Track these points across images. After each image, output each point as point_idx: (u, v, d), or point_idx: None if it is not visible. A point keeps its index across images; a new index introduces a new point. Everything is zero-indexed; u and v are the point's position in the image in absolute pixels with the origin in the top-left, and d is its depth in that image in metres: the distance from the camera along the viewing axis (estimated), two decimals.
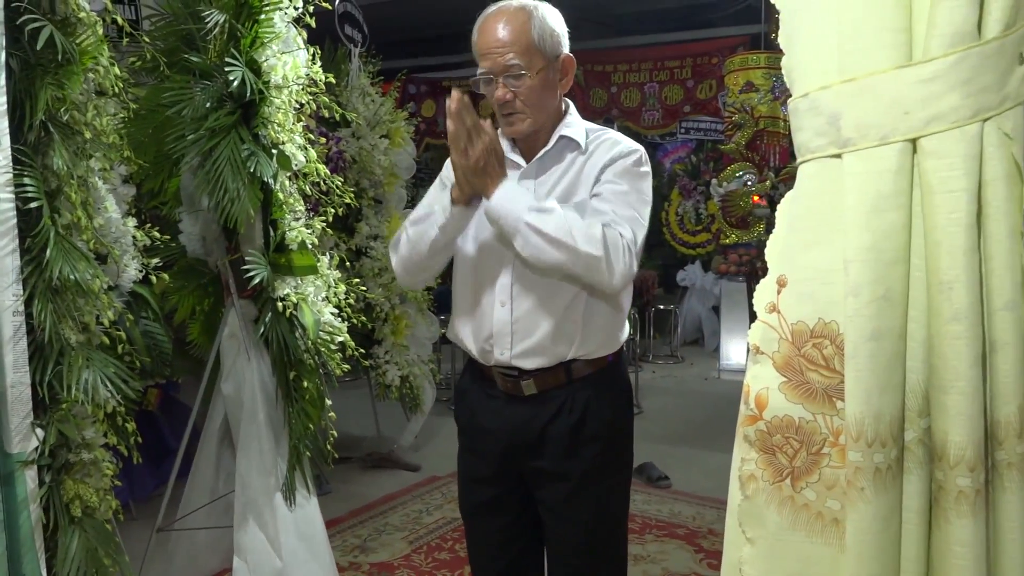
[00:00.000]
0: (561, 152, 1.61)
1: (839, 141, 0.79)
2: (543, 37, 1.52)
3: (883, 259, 0.76)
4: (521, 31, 1.50)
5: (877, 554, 0.75)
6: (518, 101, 1.53)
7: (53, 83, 1.82)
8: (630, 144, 1.60)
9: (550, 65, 1.54)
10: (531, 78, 1.51)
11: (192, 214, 2.58)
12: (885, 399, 0.76)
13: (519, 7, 1.53)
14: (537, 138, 1.61)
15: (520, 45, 1.50)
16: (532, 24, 1.51)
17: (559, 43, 1.56)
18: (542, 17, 1.53)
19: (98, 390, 1.89)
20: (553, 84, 1.57)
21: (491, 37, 1.52)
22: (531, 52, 1.51)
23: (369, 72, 4.19)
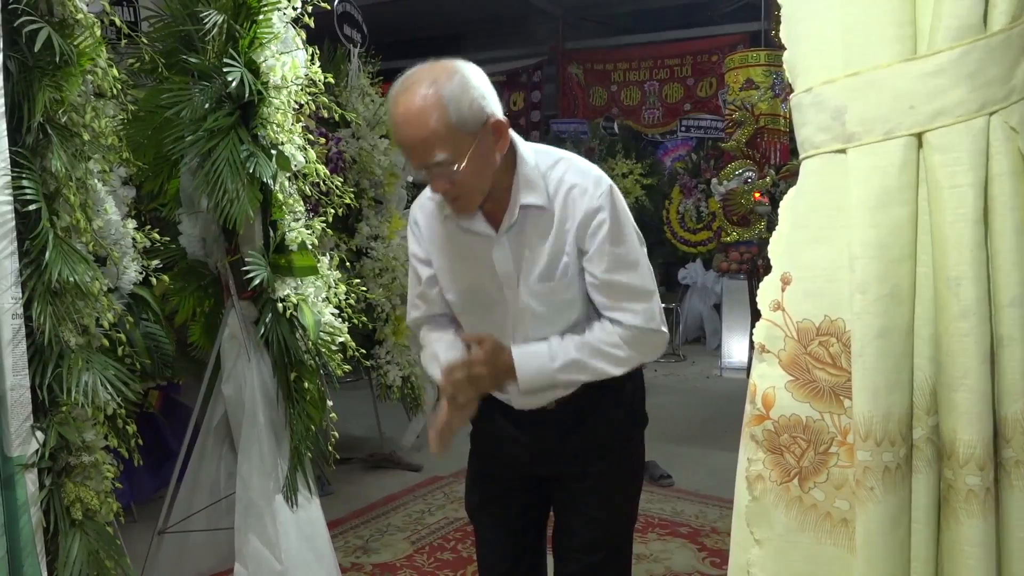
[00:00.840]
0: (526, 220, 1.49)
1: (843, 136, 0.78)
2: (462, 117, 1.34)
3: (889, 255, 0.75)
4: (436, 123, 1.33)
5: (887, 555, 0.74)
6: (456, 188, 1.41)
7: (51, 85, 1.82)
8: (593, 187, 1.47)
9: (479, 139, 1.37)
10: (462, 163, 1.36)
11: (192, 215, 2.57)
12: (893, 397, 0.75)
13: (426, 95, 1.33)
14: (498, 196, 1.48)
15: (439, 137, 1.33)
16: (446, 110, 1.33)
17: (481, 110, 1.37)
18: (454, 95, 1.34)
19: (98, 392, 1.88)
20: (489, 151, 1.40)
21: (406, 137, 1.37)
22: (454, 139, 1.34)
23: (369, 72, 4.19)
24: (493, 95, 1.41)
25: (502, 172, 1.46)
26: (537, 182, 1.47)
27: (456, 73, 1.36)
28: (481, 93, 1.38)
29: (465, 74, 1.37)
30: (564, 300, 1.51)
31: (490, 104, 1.39)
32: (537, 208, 1.47)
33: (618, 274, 1.48)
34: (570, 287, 1.51)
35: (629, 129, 8.89)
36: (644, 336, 1.49)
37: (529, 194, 1.46)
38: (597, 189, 1.47)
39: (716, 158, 7.56)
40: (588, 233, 1.46)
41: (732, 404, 5.44)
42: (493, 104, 1.40)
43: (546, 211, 1.47)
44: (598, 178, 1.49)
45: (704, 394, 5.90)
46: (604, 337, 1.48)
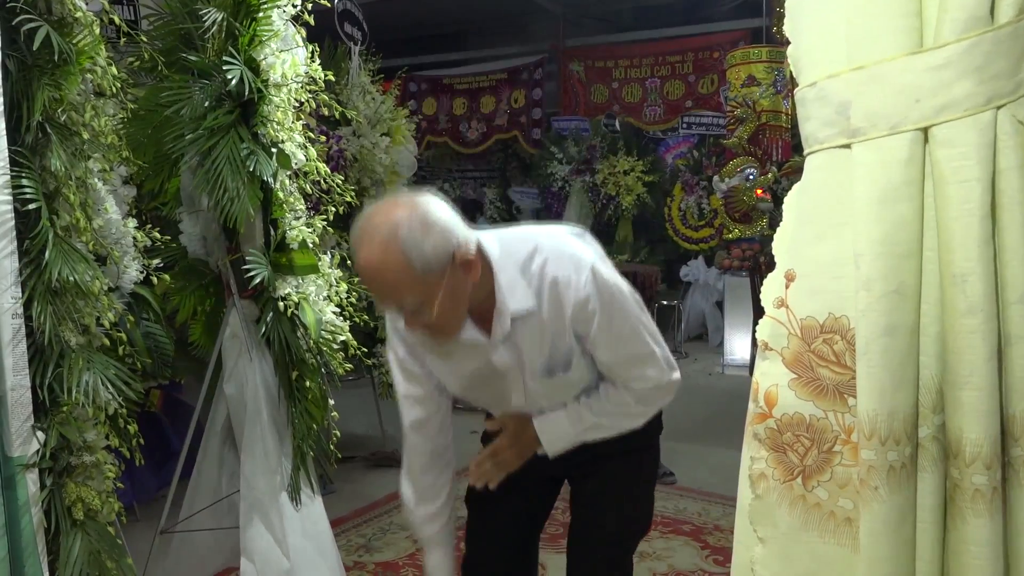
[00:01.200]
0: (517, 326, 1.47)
1: (848, 131, 0.77)
2: (426, 263, 1.30)
3: (895, 252, 0.74)
4: (401, 273, 1.30)
5: (891, 554, 0.73)
6: (432, 323, 1.39)
7: (50, 84, 1.81)
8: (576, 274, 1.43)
9: (447, 276, 1.34)
10: (434, 304, 1.34)
11: (192, 214, 2.57)
12: (899, 396, 0.74)
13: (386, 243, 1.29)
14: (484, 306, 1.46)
15: (406, 286, 1.31)
16: (410, 259, 1.29)
17: (446, 251, 1.33)
18: (417, 242, 1.29)
19: (99, 392, 1.88)
20: (459, 284, 1.37)
21: (372, 287, 1.37)
22: (421, 284, 1.32)
23: (369, 70, 4.18)
24: (456, 224, 1.36)
25: (482, 289, 1.43)
26: (519, 286, 1.44)
27: (414, 215, 1.31)
28: (442, 230, 1.33)
29: (424, 214, 1.32)
30: (574, 379, 1.54)
31: (454, 237, 1.34)
32: (526, 312, 1.44)
33: (623, 350, 1.49)
34: (577, 368, 1.52)
35: (630, 126, 8.88)
36: (659, 390, 1.53)
37: (515, 302, 1.43)
38: (580, 275, 1.43)
39: (718, 155, 7.54)
40: (583, 320, 1.45)
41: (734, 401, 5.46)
42: (458, 235, 1.35)
43: (536, 313, 1.45)
44: (578, 261, 1.45)
45: (706, 391, 5.89)
46: (620, 399, 1.52)
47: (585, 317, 1.44)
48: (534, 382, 1.52)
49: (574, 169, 8.61)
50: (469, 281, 1.39)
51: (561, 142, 8.76)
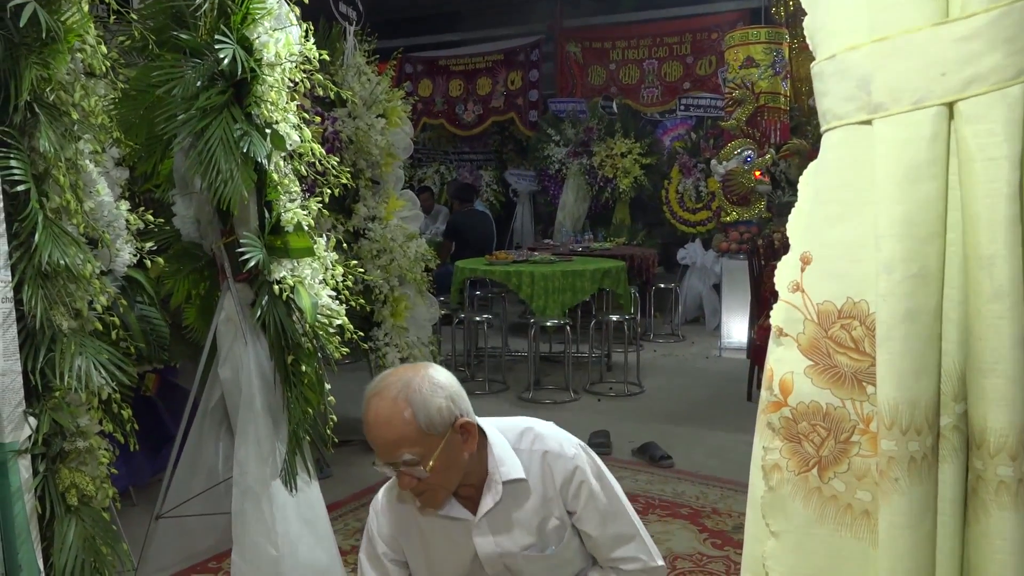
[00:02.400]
0: (507, 497, 1.52)
1: (869, 106, 0.73)
2: (431, 421, 1.39)
3: (917, 233, 0.71)
4: (405, 427, 1.38)
5: (912, 548, 0.71)
6: (424, 484, 1.42)
7: (38, 62, 1.77)
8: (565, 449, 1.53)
9: (446, 439, 1.41)
10: (430, 462, 1.39)
11: (186, 197, 2.53)
12: (921, 384, 0.71)
13: (396, 398, 1.39)
14: (472, 482, 1.52)
15: (408, 439, 1.38)
16: (416, 414, 1.38)
17: (450, 414, 1.42)
18: (424, 400, 1.39)
19: (91, 377, 1.85)
20: (456, 451, 1.44)
21: (375, 437, 1.41)
22: (422, 441, 1.39)
23: (365, 51, 4.12)
24: (462, 397, 1.46)
25: (477, 465, 1.50)
26: (510, 458, 1.51)
27: (426, 378, 1.42)
28: (449, 395, 1.43)
29: (435, 378, 1.43)
30: (563, 561, 1.56)
31: (459, 406, 1.44)
32: (517, 482, 1.50)
33: (611, 527, 1.54)
34: (567, 548, 1.56)
35: (628, 108, 8.83)
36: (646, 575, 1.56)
37: (506, 469, 1.50)
38: (569, 449, 1.53)
39: (716, 137, 7.51)
40: (571, 495, 1.52)
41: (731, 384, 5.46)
42: (462, 406, 1.45)
43: (525, 483, 1.51)
44: (568, 439, 1.56)
45: (703, 374, 5.89)
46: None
47: (575, 489, 1.51)
48: (526, 564, 1.54)
49: (571, 151, 8.57)
50: (466, 451, 1.46)
51: (558, 124, 8.71)
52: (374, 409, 1.41)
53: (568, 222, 8.49)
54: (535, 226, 9.70)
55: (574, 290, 5.32)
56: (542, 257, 5.94)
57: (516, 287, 5.35)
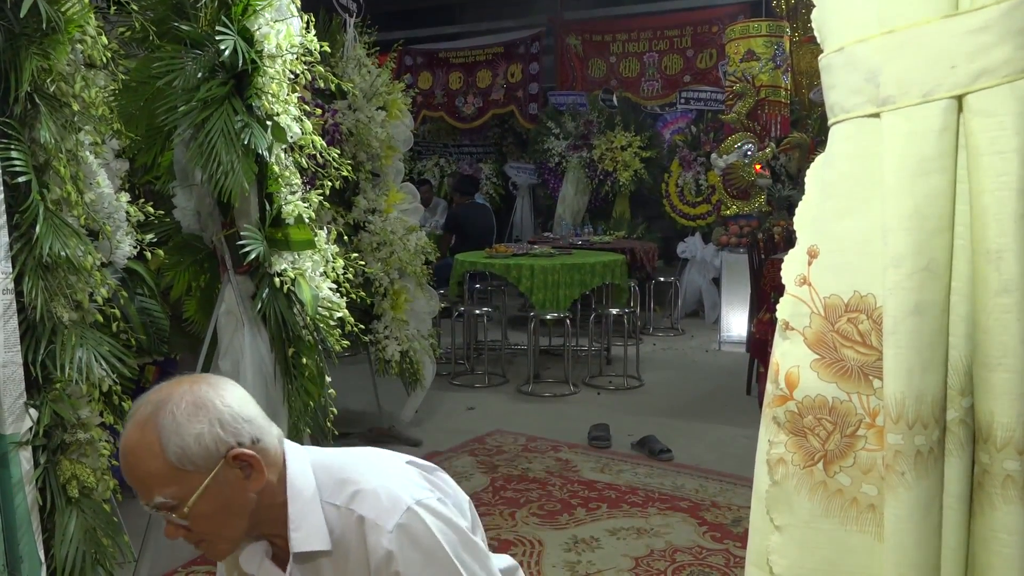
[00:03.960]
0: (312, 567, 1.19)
1: (878, 99, 0.73)
2: (185, 453, 1.08)
3: (926, 227, 0.70)
4: (152, 460, 1.08)
5: (918, 543, 0.71)
6: (195, 533, 1.13)
7: (38, 53, 1.76)
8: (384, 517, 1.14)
9: (215, 476, 1.10)
10: (191, 509, 1.10)
11: (186, 188, 2.52)
12: (927, 378, 0.71)
13: (144, 423, 1.10)
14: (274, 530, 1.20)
15: (157, 477, 1.08)
16: (165, 445, 1.08)
17: (217, 441, 1.11)
18: (177, 426, 1.09)
19: (92, 369, 1.85)
20: (234, 491, 1.13)
21: (124, 469, 1.12)
22: (176, 478, 1.09)
23: (365, 43, 4.11)
24: (251, 417, 1.16)
25: (272, 508, 1.18)
26: (312, 518, 1.17)
27: (189, 399, 1.11)
28: (222, 424, 1.12)
29: (201, 400, 1.12)
30: None
31: (234, 432, 1.13)
32: (318, 554, 1.17)
33: None
34: None
35: (628, 101, 8.82)
36: None
37: (303, 538, 1.17)
38: (389, 520, 1.13)
39: (716, 130, 7.50)
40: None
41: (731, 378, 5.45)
42: (245, 433, 1.14)
43: (332, 554, 1.17)
44: (395, 500, 1.15)
45: (703, 368, 5.89)
46: None
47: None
48: None
49: (571, 144, 8.56)
50: (250, 491, 1.14)
51: (558, 117, 8.70)
52: (124, 436, 1.12)
53: (568, 215, 8.48)
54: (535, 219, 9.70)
55: (574, 283, 5.32)
56: (542, 250, 5.94)
57: (516, 280, 5.36)
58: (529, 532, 3.11)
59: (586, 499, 3.47)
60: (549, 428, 4.41)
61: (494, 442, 4.18)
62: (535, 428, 4.40)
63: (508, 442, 4.19)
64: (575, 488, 3.58)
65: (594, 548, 3.00)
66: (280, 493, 1.17)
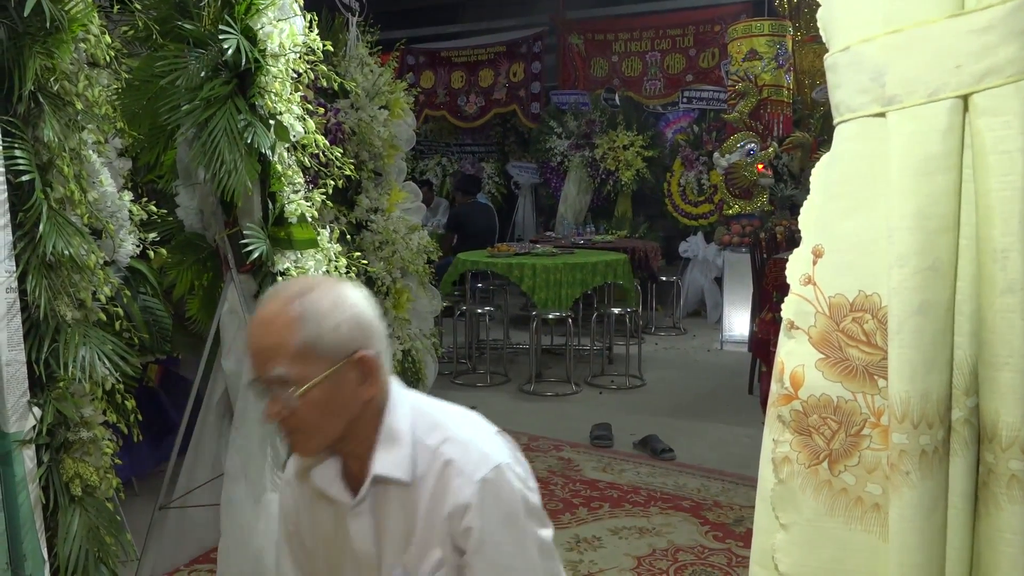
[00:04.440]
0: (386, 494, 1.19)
1: (883, 98, 0.73)
2: (320, 338, 1.11)
3: (931, 226, 0.70)
4: (286, 335, 1.11)
5: (922, 542, 0.71)
6: (294, 419, 1.14)
7: (42, 52, 1.77)
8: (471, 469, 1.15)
9: (336, 370, 1.13)
10: (304, 394, 1.12)
11: (189, 187, 2.52)
12: (932, 377, 0.71)
13: (292, 296, 1.13)
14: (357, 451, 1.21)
15: (287, 350, 1.11)
16: (303, 320, 1.11)
17: (350, 339, 1.14)
18: (319, 312, 1.12)
19: (95, 367, 1.85)
20: (346, 392, 1.15)
21: (253, 341, 1.15)
22: (303, 358, 1.11)
23: (367, 42, 4.11)
24: (375, 331, 1.18)
25: (367, 425, 1.19)
26: (401, 448, 1.18)
27: (335, 292, 1.16)
28: (358, 324, 1.15)
29: (345, 296, 1.16)
30: None
31: (365, 337, 1.16)
32: (392, 483, 1.17)
33: None
34: None
35: (630, 100, 8.82)
36: None
37: (387, 462, 1.17)
38: (475, 472, 1.14)
39: (718, 130, 7.50)
40: (460, 532, 1.14)
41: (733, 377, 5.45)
42: (371, 340, 1.16)
43: (409, 488, 1.17)
44: (484, 456, 1.16)
45: (705, 367, 5.89)
46: None
47: (462, 530, 1.14)
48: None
49: (573, 144, 8.56)
50: (359, 397, 1.16)
51: (560, 116, 8.70)
52: (264, 307, 1.15)
53: (570, 215, 8.48)
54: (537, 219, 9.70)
55: (576, 283, 5.32)
56: (544, 250, 5.94)
57: (518, 280, 5.36)
58: None
59: (588, 498, 3.47)
60: (551, 427, 4.41)
61: None
62: (537, 427, 4.40)
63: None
64: (577, 487, 3.58)
65: (596, 547, 3.00)
66: (379, 414, 1.19)
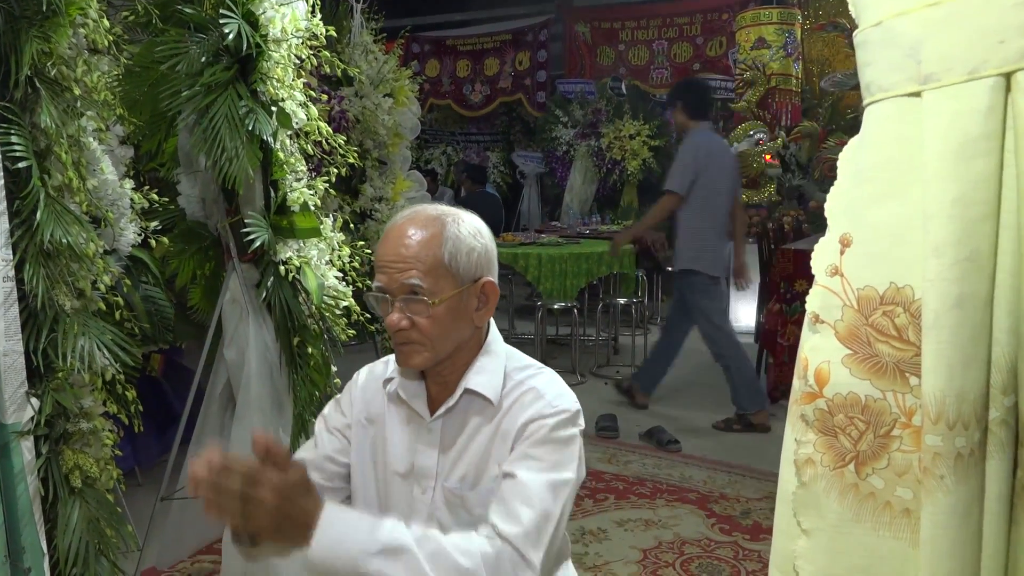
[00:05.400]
0: (467, 410, 1.28)
1: (919, 76, 0.68)
2: (457, 259, 1.21)
3: (970, 214, 0.66)
4: (429, 245, 1.20)
5: (955, 549, 0.67)
6: (415, 331, 1.21)
7: (39, 36, 1.73)
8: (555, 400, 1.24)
9: (463, 291, 1.23)
10: (434, 306, 1.20)
11: (190, 175, 2.49)
12: (969, 375, 0.67)
13: (433, 216, 1.24)
14: (447, 376, 1.29)
15: (425, 263, 1.20)
16: (444, 238, 1.21)
17: (479, 265, 1.25)
18: (461, 233, 1.23)
19: (95, 358, 1.83)
20: (466, 314, 1.25)
21: (392, 247, 1.22)
22: (438, 273, 1.20)
23: (372, 29, 4.07)
24: (495, 262, 1.30)
25: (470, 350, 1.29)
26: (495, 373, 1.28)
27: (473, 221, 1.27)
28: (487, 254, 1.27)
29: (481, 228, 1.28)
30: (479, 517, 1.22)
31: (491, 269, 1.28)
32: (481, 399, 1.26)
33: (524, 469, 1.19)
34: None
35: (637, 89, 8.75)
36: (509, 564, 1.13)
37: (479, 381, 1.27)
38: (559, 403, 1.24)
39: (725, 120, 7.44)
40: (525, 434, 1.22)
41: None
42: (494, 272, 1.29)
43: (491, 407, 1.26)
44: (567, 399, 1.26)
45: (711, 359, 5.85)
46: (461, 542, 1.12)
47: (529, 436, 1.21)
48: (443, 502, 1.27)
49: (579, 133, 8.51)
50: (472, 321, 1.27)
51: (566, 105, 8.64)
52: (402, 222, 1.23)
53: (576, 204, 8.44)
54: (542, 208, 9.66)
55: (581, 273, 5.29)
56: (549, 239, 5.91)
57: (523, 269, 5.32)
58: None
59: (593, 490, 3.44)
60: None
61: None
62: None
63: None
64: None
65: (601, 540, 2.98)
66: (478, 344, 1.30)
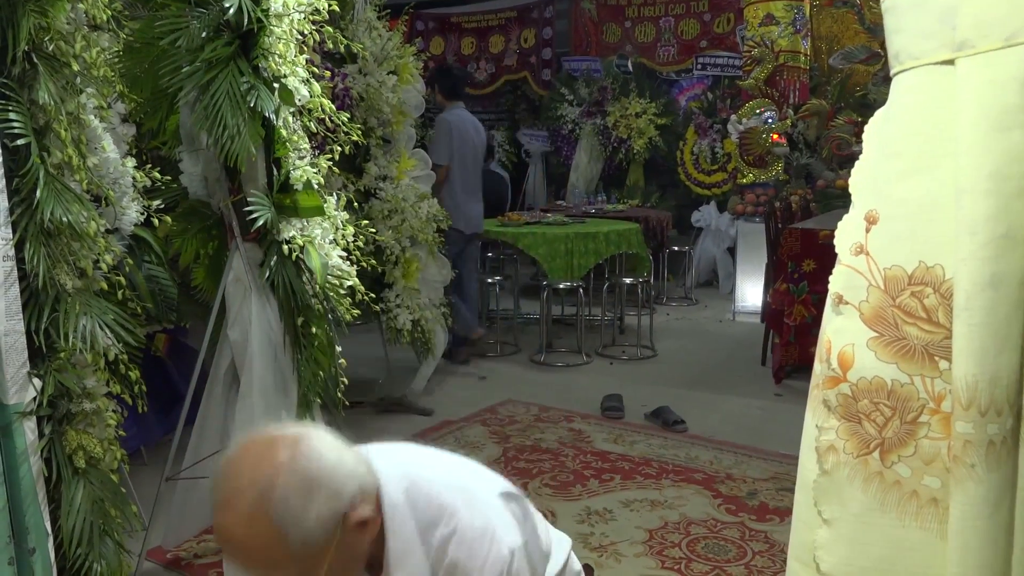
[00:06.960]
0: None
1: (952, 43, 0.65)
2: (308, 537, 1.02)
3: (1006, 189, 0.62)
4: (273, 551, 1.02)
5: (985, 541, 0.64)
6: None
7: (36, 10, 1.70)
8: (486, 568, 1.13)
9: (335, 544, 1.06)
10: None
11: (193, 153, 2.46)
12: (1002, 358, 0.63)
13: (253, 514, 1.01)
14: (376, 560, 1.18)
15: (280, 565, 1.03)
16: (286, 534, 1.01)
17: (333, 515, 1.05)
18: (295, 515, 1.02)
19: (97, 337, 1.81)
20: (352, 547, 1.10)
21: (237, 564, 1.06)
22: (300, 559, 1.03)
23: (376, 5, 4.01)
24: (353, 472, 1.10)
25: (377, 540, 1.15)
26: (413, 556, 1.15)
27: (293, 473, 1.02)
28: (330, 490, 1.05)
29: (306, 470, 1.04)
30: None
31: (346, 494, 1.07)
32: None
33: None
34: None
35: (643, 67, 8.66)
36: None
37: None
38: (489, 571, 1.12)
39: (732, 97, 7.36)
40: None
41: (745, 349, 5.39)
42: (351, 489, 1.08)
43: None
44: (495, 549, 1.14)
45: (717, 338, 5.83)
46: None
47: None
48: None
49: (585, 111, 8.44)
50: (366, 541, 1.11)
51: (572, 83, 8.56)
52: (226, 528, 1.03)
53: (581, 183, 8.38)
54: (547, 187, 9.60)
55: (588, 252, 5.25)
56: (555, 219, 5.86)
57: (528, 249, 5.29)
58: (542, 503, 3.08)
59: (599, 470, 3.43)
60: (562, 398, 4.37)
61: (506, 412, 4.14)
62: (547, 398, 4.36)
63: (520, 412, 4.15)
64: (588, 459, 3.54)
65: (607, 520, 2.97)
66: (377, 525, 1.14)
